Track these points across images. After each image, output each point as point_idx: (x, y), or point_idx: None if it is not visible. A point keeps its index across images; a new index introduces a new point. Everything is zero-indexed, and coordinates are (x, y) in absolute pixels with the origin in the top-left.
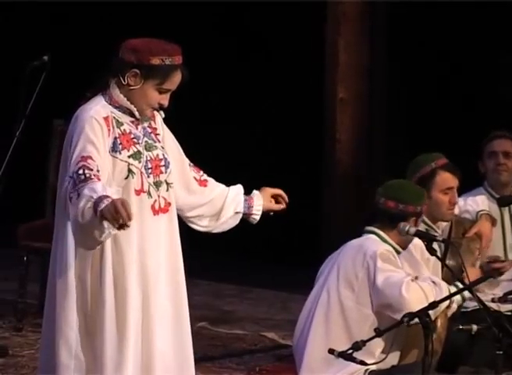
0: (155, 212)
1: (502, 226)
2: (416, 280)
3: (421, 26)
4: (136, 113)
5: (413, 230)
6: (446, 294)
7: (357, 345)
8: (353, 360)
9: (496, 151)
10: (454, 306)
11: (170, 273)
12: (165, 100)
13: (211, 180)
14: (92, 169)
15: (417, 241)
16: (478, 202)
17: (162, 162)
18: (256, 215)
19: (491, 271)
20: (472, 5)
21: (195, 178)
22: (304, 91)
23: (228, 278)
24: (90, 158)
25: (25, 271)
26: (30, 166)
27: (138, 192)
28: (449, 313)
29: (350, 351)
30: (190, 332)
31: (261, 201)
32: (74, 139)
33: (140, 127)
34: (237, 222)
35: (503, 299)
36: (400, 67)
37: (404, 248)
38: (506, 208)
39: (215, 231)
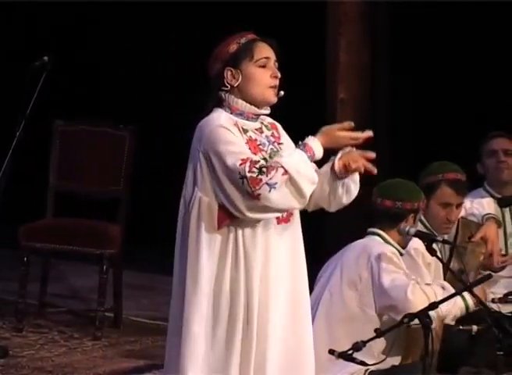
0: (278, 221)
1: (503, 226)
2: (422, 283)
3: (422, 26)
4: (262, 110)
5: (413, 230)
6: (455, 299)
7: (358, 346)
8: (354, 360)
9: (496, 150)
10: (456, 312)
11: (291, 286)
12: (273, 70)
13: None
14: (259, 160)
15: (418, 245)
16: (484, 205)
17: None
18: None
19: (491, 265)
20: (473, 4)
21: None
22: (304, 91)
23: None
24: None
25: (26, 271)
26: (30, 167)
27: None
28: (451, 317)
29: (351, 351)
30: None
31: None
32: (212, 149)
33: (263, 135)
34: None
35: (503, 300)
36: (401, 67)
37: (404, 247)
38: (507, 207)
39: (342, 202)
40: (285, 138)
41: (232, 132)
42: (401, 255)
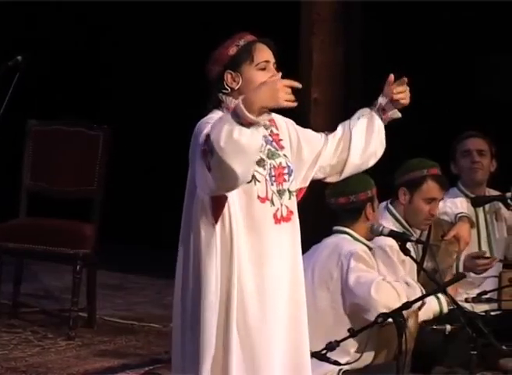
0: (277, 220)
1: (477, 226)
2: (387, 280)
3: (395, 25)
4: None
5: (386, 230)
6: (419, 294)
7: (331, 345)
8: (327, 360)
9: (471, 150)
10: (429, 314)
11: (291, 285)
12: (272, 73)
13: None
14: None
15: (392, 242)
16: (457, 204)
17: (285, 171)
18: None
19: (475, 267)
20: (446, 4)
21: (327, 135)
22: None
23: None
24: None
25: None
26: (3, 167)
27: (263, 200)
28: (423, 317)
29: (324, 351)
30: (309, 353)
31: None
32: (196, 144)
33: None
34: (376, 125)
35: (476, 299)
36: (374, 67)
37: (371, 239)
38: (481, 207)
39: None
40: (283, 130)
41: None
42: (370, 249)
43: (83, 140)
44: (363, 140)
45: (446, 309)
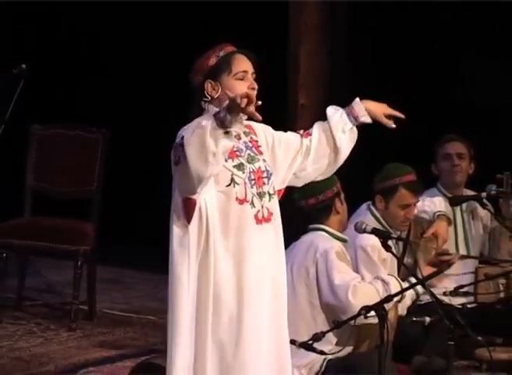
0: (258, 221)
1: (454, 224)
2: (364, 281)
3: (380, 32)
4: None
5: (369, 228)
6: (397, 290)
7: (318, 336)
8: (314, 350)
9: (451, 153)
10: (407, 301)
11: (273, 284)
12: (250, 82)
13: (313, 127)
14: None
15: (374, 242)
16: (435, 203)
17: (264, 174)
18: (366, 119)
19: (440, 263)
20: (438, 4)
21: (302, 137)
22: (266, 97)
23: None
24: None
25: (4, 267)
26: (8, 168)
27: (241, 201)
28: (403, 307)
29: (311, 341)
30: (289, 351)
31: (362, 106)
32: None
33: (241, 141)
34: (355, 136)
35: (454, 293)
36: (359, 74)
37: (345, 228)
38: (458, 207)
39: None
40: (261, 137)
41: None
42: (345, 241)
43: (84, 143)
44: (347, 149)
45: (420, 291)
